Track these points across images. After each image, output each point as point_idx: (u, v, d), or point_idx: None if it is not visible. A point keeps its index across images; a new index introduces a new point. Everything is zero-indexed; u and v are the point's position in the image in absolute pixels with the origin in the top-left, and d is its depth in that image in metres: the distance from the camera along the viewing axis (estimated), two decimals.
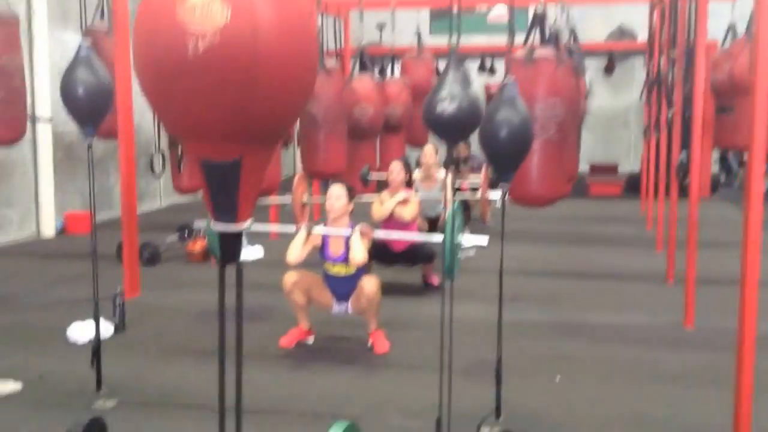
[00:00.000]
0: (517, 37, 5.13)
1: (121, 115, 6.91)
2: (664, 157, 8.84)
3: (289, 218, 9.09)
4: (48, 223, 10.53)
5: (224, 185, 2.50)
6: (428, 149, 8.14)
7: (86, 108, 4.29)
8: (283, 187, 7.55)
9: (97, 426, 3.73)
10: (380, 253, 6.78)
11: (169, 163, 8.64)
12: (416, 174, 8.09)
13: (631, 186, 15.11)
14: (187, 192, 9.37)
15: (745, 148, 3.92)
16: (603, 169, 16.51)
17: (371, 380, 4.97)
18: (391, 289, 6.50)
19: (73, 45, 4.55)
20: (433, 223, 7.98)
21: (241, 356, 3.02)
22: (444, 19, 12.14)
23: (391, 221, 6.92)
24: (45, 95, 10.13)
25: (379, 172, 8.77)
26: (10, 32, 6.67)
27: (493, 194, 8.19)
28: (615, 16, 17.22)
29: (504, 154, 3.85)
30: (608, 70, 17.50)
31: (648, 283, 7.72)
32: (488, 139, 3.85)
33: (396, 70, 11.08)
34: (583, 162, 8.37)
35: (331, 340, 5.74)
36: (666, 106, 8.24)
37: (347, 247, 5.39)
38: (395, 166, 7.14)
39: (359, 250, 5.28)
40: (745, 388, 3.76)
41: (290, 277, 5.41)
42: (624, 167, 17.31)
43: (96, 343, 4.57)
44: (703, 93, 6.42)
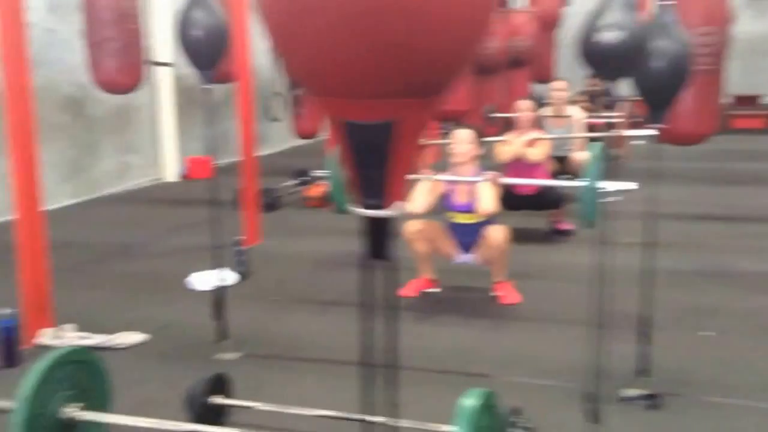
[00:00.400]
0: None
1: (238, 58, 6.78)
2: None
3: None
4: (170, 169, 10.63)
5: (371, 155, 1.95)
6: (558, 84, 7.67)
7: (204, 51, 4.15)
8: None
9: (220, 381, 3.64)
10: (505, 198, 6.48)
11: (288, 107, 8.53)
12: (545, 111, 7.69)
13: None
14: (306, 136, 9.28)
15: None
16: (745, 100, 15.44)
17: (500, 335, 4.76)
18: (517, 236, 6.20)
19: None
20: (563, 163, 7.58)
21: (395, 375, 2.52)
22: None
23: (518, 163, 6.59)
24: (165, 39, 10.13)
25: (503, 111, 8.47)
26: None
27: (635, 132, 7.60)
28: None
29: (659, 90, 3.47)
30: None
31: None
32: (641, 71, 3.46)
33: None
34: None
35: (455, 290, 5.54)
36: None
37: (472, 195, 5.15)
38: (523, 104, 6.83)
39: (489, 199, 5.03)
40: None
41: (412, 226, 5.21)
42: None
43: (219, 295, 4.49)
44: None
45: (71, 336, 4.67)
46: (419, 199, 5.16)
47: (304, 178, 9.19)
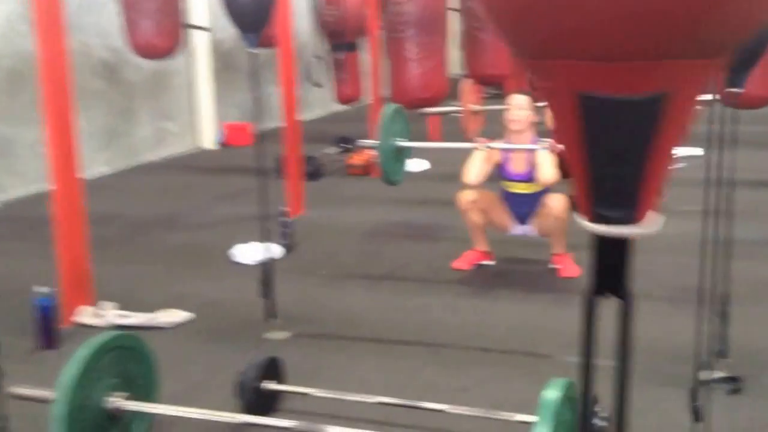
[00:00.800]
0: None
1: (280, 21, 6.48)
2: None
3: (452, 133, 8.64)
4: (208, 135, 10.42)
5: (625, 144, 1.32)
6: None
7: (250, 14, 3.90)
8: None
9: (273, 365, 3.43)
10: (559, 165, 6.18)
11: (329, 72, 8.27)
12: None
13: None
14: (347, 102, 9.02)
15: None
16: None
17: (562, 311, 4.46)
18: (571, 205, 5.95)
19: None
20: None
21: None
22: None
23: None
24: (201, 2, 9.87)
25: None
26: None
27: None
28: None
29: (740, 51, 3.12)
30: None
31: None
32: None
33: None
34: None
35: (510, 263, 5.28)
36: None
37: (530, 163, 4.88)
38: None
39: (549, 168, 4.74)
40: None
41: (467, 196, 4.95)
42: None
43: (267, 271, 4.26)
44: None
45: (111, 314, 4.47)
46: (474, 170, 4.92)
47: (346, 146, 8.92)
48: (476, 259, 5.14)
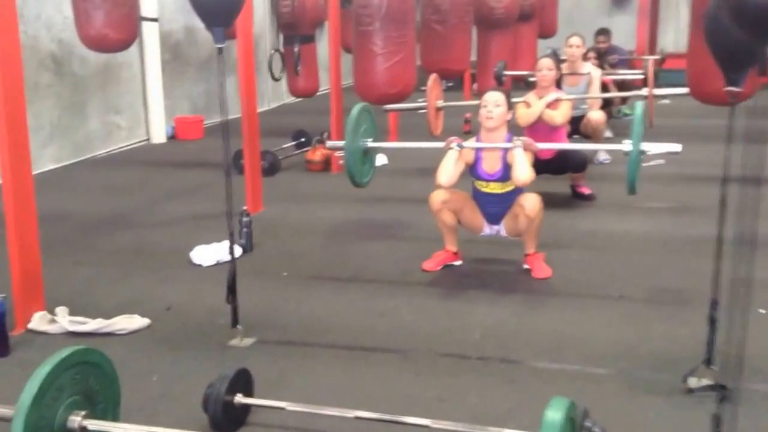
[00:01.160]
0: None
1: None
2: None
3: (411, 128, 8.47)
4: (158, 129, 10.15)
5: None
6: (574, 40, 7.18)
7: (218, 8, 3.69)
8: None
9: (243, 378, 3.24)
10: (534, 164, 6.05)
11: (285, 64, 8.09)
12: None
13: None
14: (302, 95, 8.84)
15: None
16: None
17: (537, 313, 4.34)
18: None
19: None
20: (577, 123, 7.15)
21: None
22: None
23: (539, 126, 6.09)
24: None
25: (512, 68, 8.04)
26: None
27: (661, 92, 7.07)
28: None
29: (740, 47, 2.90)
30: None
31: None
32: (718, 26, 2.93)
33: None
34: None
35: (481, 263, 5.14)
36: None
37: (504, 163, 4.72)
38: (545, 62, 6.28)
39: (524, 168, 4.56)
40: None
41: (438, 196, 4.79)
42: None
43: (232, 275, 4.05)
44: None
45: (65, 320, 4.24)
46: (447, 171, 4.72)
47: (303, 140, 8.72)
48: (446, 259, 4.99)
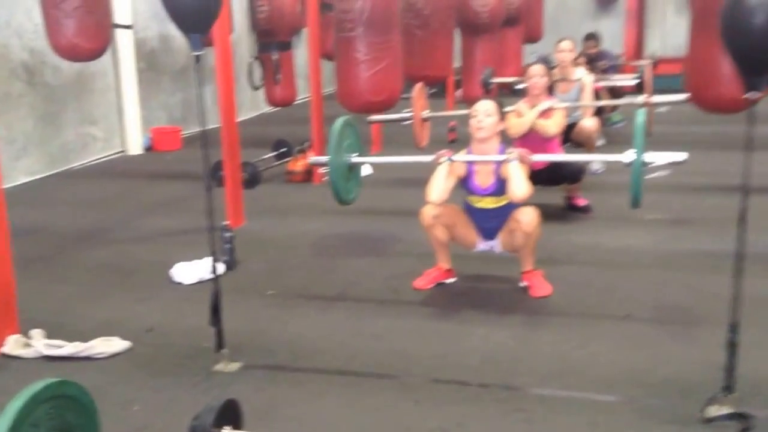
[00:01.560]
0: None
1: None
2: None
3: (395, 137, 8.28)
4: (135, 140, 9.90)
5: None
6: (565, 45, 6.92)
7: (195, 13, 3.49)
8: None
9: (231, 410, 3.03)
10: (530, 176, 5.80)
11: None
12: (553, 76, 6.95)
13: None
14: (281, 104, 8.63)
15: None
16: None
17: (538, 335, 4.11)
18: None
19: None
20: (569, 132, 6.93)
21: None
22: None
23: (531, 136, 5.83)
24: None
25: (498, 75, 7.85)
26: None
27: (659, 99, 6.85)
28: None
29: (760, 52, 2.82)
30: None
31: None
32: (738, 28, 2.83)
33: None
34: None
35: (475, 280, 4.92)
36: None
37: (497, 176, 4.52)
38: (536, 69, 6.02)
39: (521, 183, 4.35)
40: None
41: (430, 210, 4.58)
42: None
43: (215, 296, 3.83)
44: None
45: (41, 344, 4.02)
46: (438, 187, 4.51)
47: (284, 150, 8.50)
48: (439, 277, 4.78)
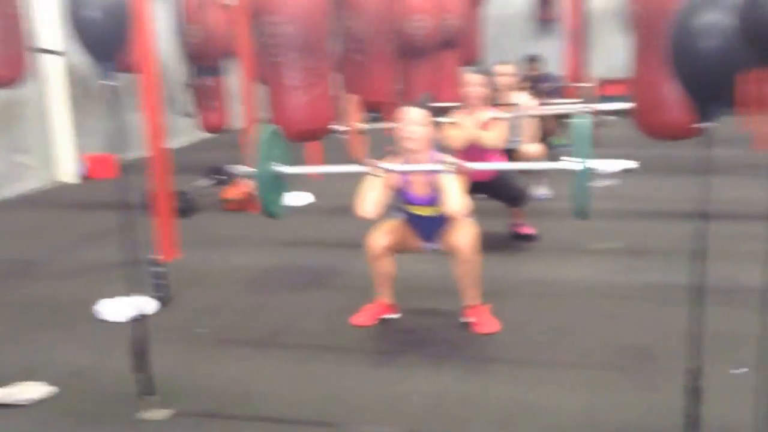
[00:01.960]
0: None
1: (140, 44, 5.64)
2: None
3: (336, 153, 8.11)
4: (67, 168, 9.60)
5: None
6: (504, 68, 6.79)
7: (101, 40, 3.31)
8: None
9: None
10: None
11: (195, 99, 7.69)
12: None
13: None
14: (214, 130, 8.44)
15: None
16: None
17: (486, 378, 3.87)
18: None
19: None
20: (511, 156, 6.82)
21: None
22: None
23: (472, 148, 5.59)
24: (52, 22, 9.03)
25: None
26: None
27: (604, 106, 6.71)
28: None
29: (712, 79, 2.73)
30: None
31: None
32: (684, 57, 2.74)
33: None
34: None
35: (419, 316, 4.68)
36: None
37: (433, 186, 4.33)
38: (473, 78, 5.80)
39: (456, 197, 4.16)
40: None
41: (378, 240, 4.39)
42: None
43: (140, 337, 3.61)
44: None
45: None
46: (372, 200, 4.31)
47: (220, 177, 8.27)
48: (380, 312, 4.57)
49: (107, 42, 3.36)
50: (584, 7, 9.23)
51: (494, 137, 5.61)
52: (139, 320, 3.67)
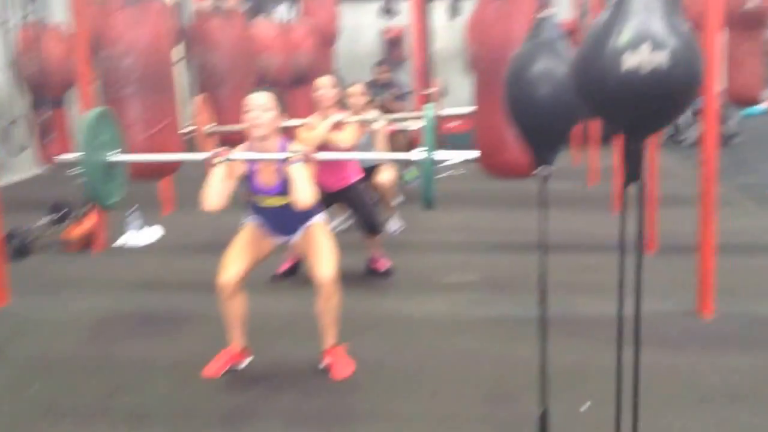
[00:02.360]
0: None
1: None
2: None
3: (189, 195, 7.80)
4: None
5: None
6: (356, 89, 6.50)
7: None
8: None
9: None
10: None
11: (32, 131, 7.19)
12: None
13: None
14: (53, 164, 7.94)
15: None
16: None
17: (342, 429, 3.60)
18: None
19: None
20: (369, 176, 6.60)
21: None
22: None
23: (326, 150, 5.35)
24: None
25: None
26: None
27: (449, 111, 6.62)
28: None
29: (547, 125, 2.75)
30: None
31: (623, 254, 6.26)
32: (520, 104, 2.75)
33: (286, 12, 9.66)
34: None
35: (273, 360, 4.36)
36: None
37: (282, 175, 4.08)
38: (323, 81, 5.66)
39: (305, 188, 3.94)
40: None
41: (230, 272, 4.06)
42: None
43: None
44: None
45: None
46: (215, 191, 3.99)
47: (60, 214, 7.70)
48: (231, 360, 4.22)
49: None
50: (429, 47, 9.51)
51: (347, 138, 5.51)
52: None
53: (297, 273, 5.80)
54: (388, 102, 8.77)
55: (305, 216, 4.23)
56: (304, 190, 3.94)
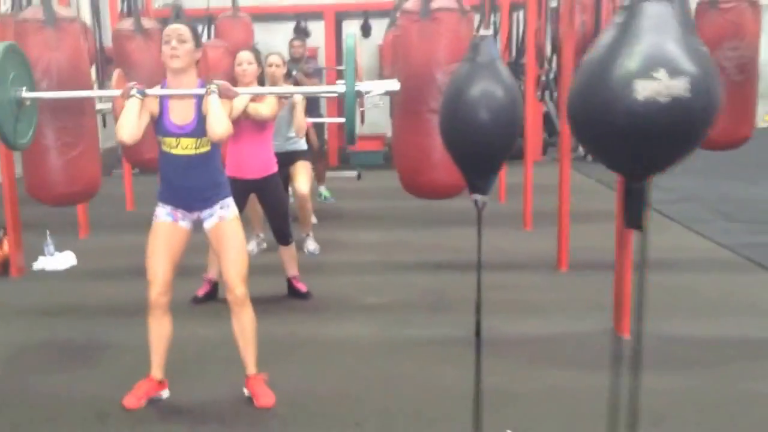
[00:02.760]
0: None
1: None
2: None
3: (104, 221, 7.74)
4: None
5: None
6: (274, 59, 6.32)
7: None
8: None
9: None
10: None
11: None
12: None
13: None
14: None
15: None
16: None
17: None
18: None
19: None
20: (286, 165, 6.62)
21: None
22: None
23: (244, 125, 5.45)
24: None
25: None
26: None
27: (369, 84, 6.63)
28: None
29: (485, 149, 2.70)
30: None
31: (538, 272, 6.38)
32: (457, 128, 2.72)
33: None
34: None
35: (192, 391, 4.27)
36: None
37: (198, 112, 3.93)
38: (244, 56, 5.59)
39: (221, 119, 3.80)
40: None
41: (159, 287, 3.99)
42: None
43: None
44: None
45: None
46: (129, 124, 3.82)
47: None
48: (151, 390, 4.15)
49: None
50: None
51: (265, 108, 5.52)
52: None
53: (216, 297, 5.74)
54: (299, 77, 8.64)
55: (215, 185, 4.06)
56: (220, 121, 3.79)
